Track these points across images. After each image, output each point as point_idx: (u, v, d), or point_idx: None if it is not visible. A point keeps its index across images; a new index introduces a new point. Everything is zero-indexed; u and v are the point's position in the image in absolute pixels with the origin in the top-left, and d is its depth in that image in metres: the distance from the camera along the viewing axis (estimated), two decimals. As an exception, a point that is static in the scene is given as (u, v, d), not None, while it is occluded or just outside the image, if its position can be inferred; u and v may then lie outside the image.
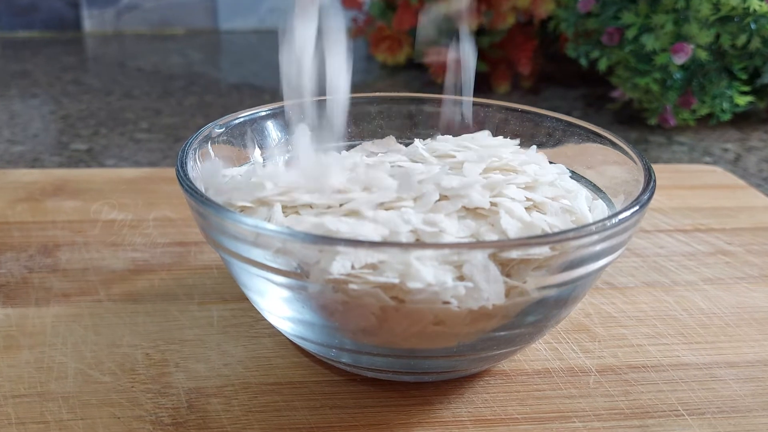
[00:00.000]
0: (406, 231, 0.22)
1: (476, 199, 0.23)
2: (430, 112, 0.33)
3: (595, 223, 0.21)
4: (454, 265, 0.20)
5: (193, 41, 0.90)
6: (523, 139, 0.30)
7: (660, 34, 0.54)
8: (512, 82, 0.69)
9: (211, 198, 0.22)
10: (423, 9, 0.68)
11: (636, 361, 0.27)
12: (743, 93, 0.57)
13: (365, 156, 0.29)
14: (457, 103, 0.31)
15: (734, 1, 0.51)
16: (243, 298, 0.30)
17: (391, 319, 0.21)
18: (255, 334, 0.28)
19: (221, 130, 0.28)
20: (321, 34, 0.24)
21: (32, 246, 0.34)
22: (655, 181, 0.24)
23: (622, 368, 0.26)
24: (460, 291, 0.20)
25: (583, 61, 0.60)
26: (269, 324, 0.28)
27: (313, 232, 0.22)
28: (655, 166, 0.44)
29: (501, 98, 0.64)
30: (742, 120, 0.61)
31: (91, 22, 0.91)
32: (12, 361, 0.26)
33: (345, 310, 0.21)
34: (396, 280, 0.20)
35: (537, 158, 0.28)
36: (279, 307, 0.23)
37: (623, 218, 0.22)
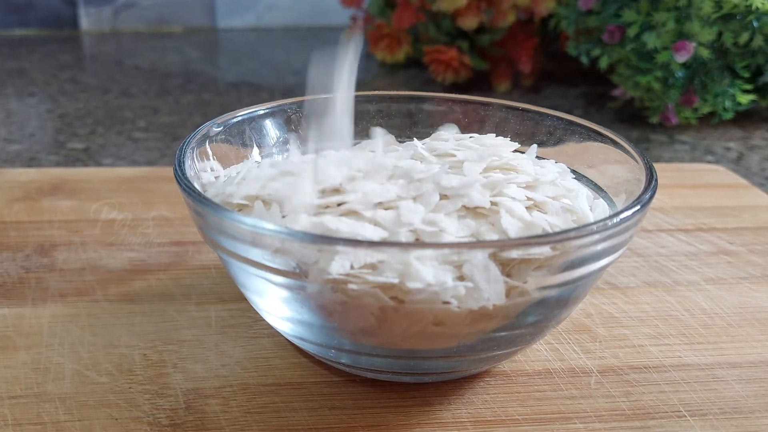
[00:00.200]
0: (406, 231, 0.22)
1: (476, 199, 0.23)
2: (430, 111, 0.32)
3: (596, 223, 0.21)
4: (454, 265, 0.20)
5: (191, 39, 0.90)
6: (524, 138, 0.30)
7: (661, 32, 0.54)
8: (513, 81, 0.69)
9: (210, 197, 0.22)
10: (422, 7, 0.68)
11: (637, 362, 0.26)
12: (745, 91, 0.57)
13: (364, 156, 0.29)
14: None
15: (736, -1, 0.51)
16: (241, 299, 0.30)
17: (391, 320, 0.21)
18: (253, 335, 0.27)
19: (219, 129, 0.28)
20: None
21: (29, 246, 0.33)
22: (656, 180, 0.24)
23: (623, 369, 0.26)
24: (460, 291, 0.20)
25: (584, 59, 0.60)
26: (268, 324, 0.27)
27: (312, 231, 0.22)
28: (657, 165, 0.44)
29: (501, 97, 0.63)
30: (745, 118, 0.61)
31: (88, 20, 0.90)
32: (8, 362, 0.26)
33: (344, 310, 0.21)
34: (395, 280, 0.20)
35: (548, 164, 0.27)
36: (277, 307, 0.23)
37: (624, 218, 0.21)
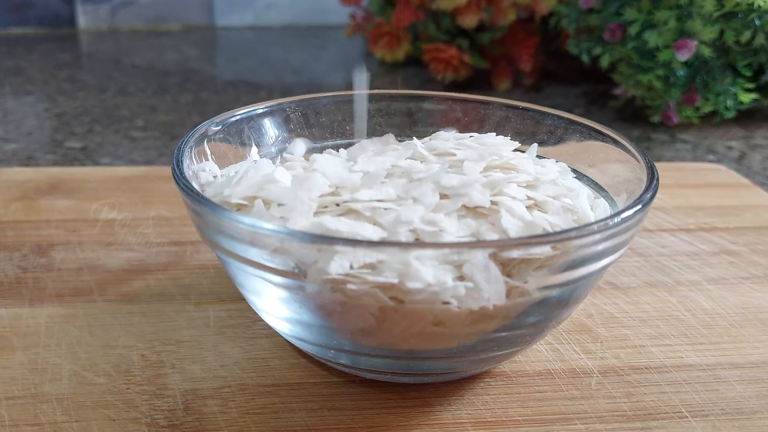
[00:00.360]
0: (406, 230, 0.22)
1: (476, 198, 0.23)
2: (430, 110, 0.32)
3: (597, 223, 0.21)
4: (454, 264, 0.20)
5: (189, 37, 0.89)
6: (524, 137, 0.30)
7: (663, 31, 0.53)
8: (513, 80, 0.69)
9: (208, 197, 0.22)
10: (422, 5, 0.67)
11: (638, 363, 0.26)
12: (747, 90, 0.57)
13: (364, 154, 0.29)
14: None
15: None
16: (240, 299, 0.29)
17: (390, 320, 0.21)
18: (252, 335, 0.27)
19: (218, 128, 0.28)
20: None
21: (26, 245, 0.33)
22: (657, 179, 0.24)
23: (624, 369, 0.26)
24: (460, 291, 0.20)
25: (585, 58, 0.60)
26: (266, 325, 0.27)
27: (311, 231, 0.21)
28: (658, 165, 0.44)
29: (502, 95, 0.63)
30: (747, 117, 0.61)
31: (86, 19, 0.90)
32: (5, 363, 0.25)
33: (343, 310, 0.21)
34: (395, 280, 0.20)
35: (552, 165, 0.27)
36: (276, 307, 0.23)
37: (626, 217, 0.21)
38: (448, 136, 0.29)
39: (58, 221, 0.36)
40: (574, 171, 0.28)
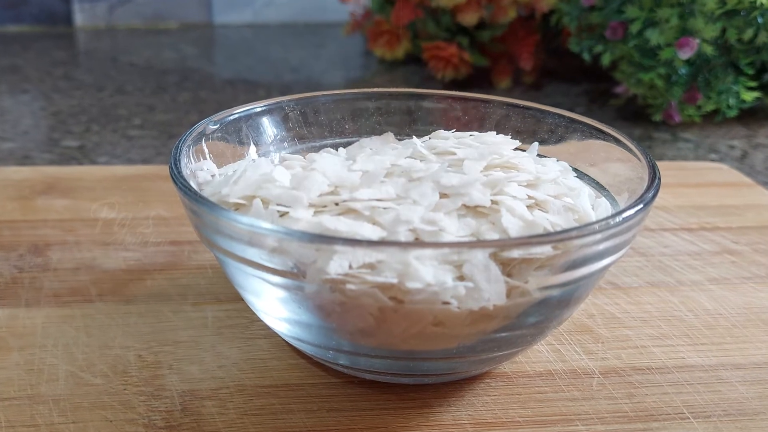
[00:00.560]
0: (405, 230, 0.21)
1: (477, 197, 0.23)
2: (430, 108, 0.32)
3: (598, 222, 0.21)
4: (454, 264, 0.20)
5: (187, 35, 0.89)
6: (525, 136, 0.30)
7: (665, 29, 0.53)
8: (513, 78, 0.69)
9: (206, 196, 0.22)
10: (422, 3, 0.67)
11: (640, 363, 0.26)
12: (750, 89, 0.57)
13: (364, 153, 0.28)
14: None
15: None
16: (238, 299, 0.29)
17: (390, 320, 0.21)
18: (250, 336, 0.27)
19: (216, 127, 0.28)
20: None
21: (22, 245, 0.33)
22: (659, 178, 0.24)
23: (626, 370, 0.26)
24: (460, 291, 0.20)
25: (586, 56, 0.60)
26: (265, 325, 0.27)
27: (309, 230, 0.21)
28: (660, 164, 0.44)
29: (502, 94, 0.63)
30: (749, 116, 0.61)
31: (83, 16, 0.90)
32: (1, 363, 0.25)
33: (342, 310, 0.21)
34: (394, 280, 0.20)
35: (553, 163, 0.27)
36: (275, 307, 0.23)
37: (627, 217, 0.21)
38: (447, 134, 0.29)
39: (55, 221, 0.35)
40: (575, 170, 0.28)
